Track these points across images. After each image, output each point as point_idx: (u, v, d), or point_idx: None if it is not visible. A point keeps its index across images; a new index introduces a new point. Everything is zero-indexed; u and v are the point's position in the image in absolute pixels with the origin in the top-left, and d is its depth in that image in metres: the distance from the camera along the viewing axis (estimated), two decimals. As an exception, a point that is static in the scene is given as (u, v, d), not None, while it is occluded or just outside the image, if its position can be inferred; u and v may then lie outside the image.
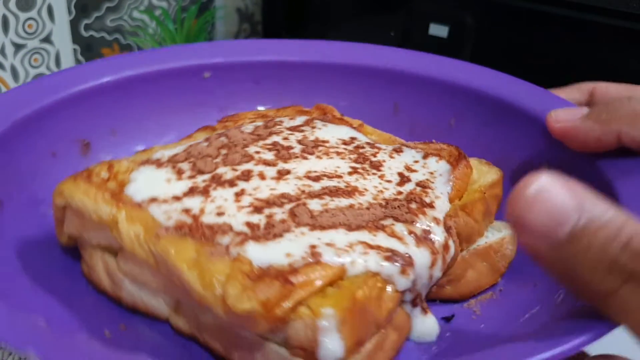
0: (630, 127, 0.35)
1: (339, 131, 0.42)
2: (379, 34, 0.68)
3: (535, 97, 0.44)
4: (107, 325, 0.34)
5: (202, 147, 0.40)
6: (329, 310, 0.28)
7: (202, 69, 0.50)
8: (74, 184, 0.35)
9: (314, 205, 0.34)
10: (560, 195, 0.24)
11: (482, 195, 0.37)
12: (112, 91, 0.46)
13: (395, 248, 0.32)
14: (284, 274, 0.29)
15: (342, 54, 0.51)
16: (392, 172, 0.38)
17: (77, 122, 0.44)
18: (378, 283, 0.30)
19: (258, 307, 0.28)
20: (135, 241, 0.33)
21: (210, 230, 0.32)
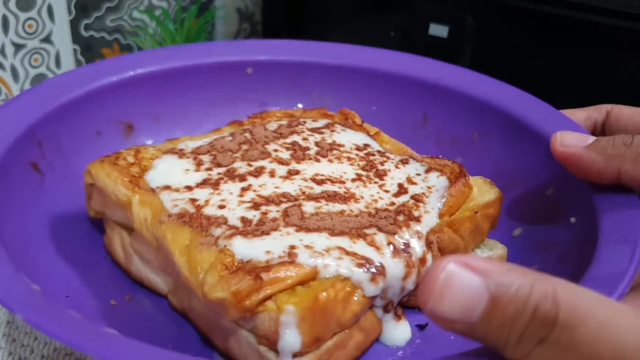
0: (632, 167, 0.36)
1: (356, 137, 0.45)
2: (379, 34, 0.68)
3: (553, 122, 0.45)
4: (115, 295, 0.38)
5: (225, 141, 0.43)
6: (290, 307, 0.31)
7: (245, 65, 0.53)
8: (100, 166, 0.39)
9: (308, 207, 0.37)
10: (467, 279, 0.25)
11: (472, 214, 0.39)
12: (158, 80, 0.50)
13: (370, 257, 0.34)
14: (258, 269, 0.32)
15: (379, 61, 0.54)
16: (393, 183, 0.40)
17: (123, 106, 0.49)
18: (347, 287, 0.33)
19: (229, 296, 0.31)
20: (143, 223, 0.37)
21: (207, 221, 0.36)
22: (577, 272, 0.35)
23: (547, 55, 0.60)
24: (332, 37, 0.72)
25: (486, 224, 0.40)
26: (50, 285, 0.36)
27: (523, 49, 0.61)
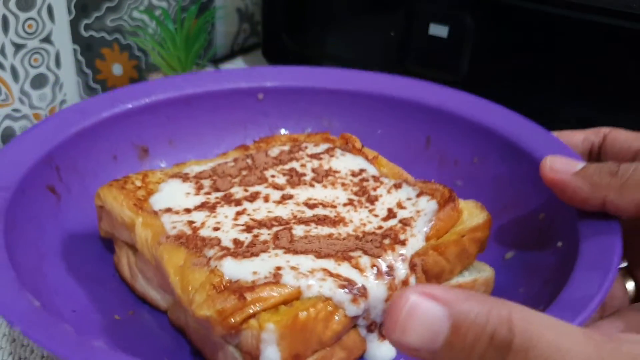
0: (616, 197, 0.37)
1: (353, 161, 0.47)
2: (379, 34, 0.69)
3: (549, 147, 0.46)
4: (119, 310, 0.41)
5: (227, 166, 0.46)
6: (271, 326, 0.33)
7: (257, 91, 0.56)
8: (109, 189, 0.42)
9: (298, 230, 0.39)
10: (429, 309, 0.26)
11: (458, 238, 0.40)
12: (173, 106, 0.53)
13: (353, 278, 0.36)
14: (243, 289, 0.34)
15: (384, 86, 0.55)
16: (383, 207, 0.42)
17: (138, 131, 0.52)
18: (329, 307, 0.35)
19: (214, 314, 0.33)
20: (145, 244, 0.39)
21: (202, 242, 0.38)
22: (556, 295, 0.36)
23: (547, 56, 0.60)
24: (332, 37, 0.73)
25: (474, 247, 0.41)
26: (59, 299, 0.39)
27: (523, 49, 0.62)
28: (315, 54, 0.75)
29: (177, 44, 0.69)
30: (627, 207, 0.36)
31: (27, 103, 0.67)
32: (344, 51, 0.72)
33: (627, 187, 0.35)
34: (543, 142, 0.47)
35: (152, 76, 0.71)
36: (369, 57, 0.71)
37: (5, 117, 0.65)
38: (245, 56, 0.95)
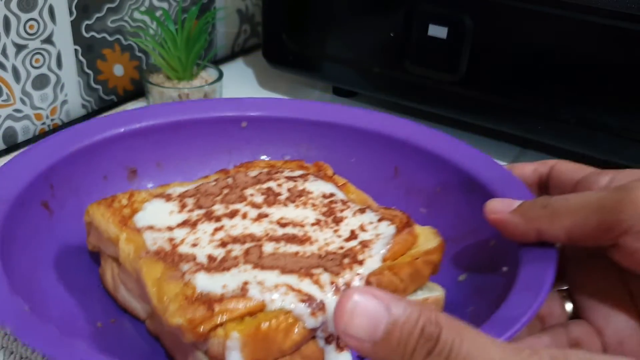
0: (547, 226, 0.40)
1: (324, 186, 0.51)
2: (378, 35, 0.71)
3: (501, 180, 0.50)
4: (102, 318, 0.45)
5: (209, 186, 0.50)
6: (235, 334, 0.37)
7: (241, 119, 0.60)
8: (97, 207, 0.46)
9: (268, 247, 0.43)
10: (370, 305, 0.30)
11: (412, 260, 0.44)
12: (162, 131, 0.58)
13: (313, 294, 0.40)
14: (212, 301, 0.38)
15: (359, 119, 0.60)
16: (347, 229, 0.46)
17: (129, 153, 0.56)
18: (289, 319, 0.39)
19: (185, 323, 0.37)
20: (127, 257, 0.43)
21: (179, 258, 0.42)
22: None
23: (547, 57, 0.62)
24: (332, 38, 0.76)
25: (427, 269, 0.45)
26: (48, 306, 0.43)
27: (522, 50, 0.64)
28: (315, 55, 0.78)
29: (177, 45, 0.71)
30: (558, 234, 0.40)
31: (29, 103, 0.68)
32: (344, 52, 0.76)
33: (556, 216, 0.39)
34: (496, 175, 0.51)
35: (152, 77, 0.74)
36: (369, 57, 0.75)
37: (6, 117, 0.66)
38: (245, 57, 0.98)
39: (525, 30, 0.64)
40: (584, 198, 0.39)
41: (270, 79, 0.92)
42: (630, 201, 0.36)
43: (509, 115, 0.68)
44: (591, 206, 0.38)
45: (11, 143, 0.71)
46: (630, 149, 0.63)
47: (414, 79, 0.72)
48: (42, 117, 0.70)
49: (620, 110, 0.61)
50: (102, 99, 0.80)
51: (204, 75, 0.78)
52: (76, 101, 0.75)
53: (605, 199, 0.37)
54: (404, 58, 0.71)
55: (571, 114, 0.64)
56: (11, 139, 0.70)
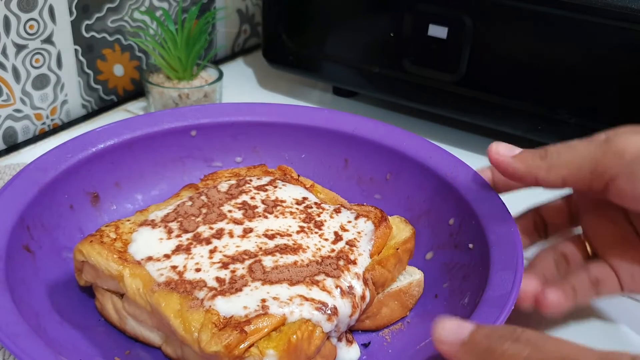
0: (545, 175, 0.46)
1: (294, 191, 0.54)
2: (378, 35, 0.71)
3: (449, 163, 0.56)
4: (117, 352, 0.46)
5: (187, 206, 0.52)
6: (271, 352, 0.40)
7: (190, 129, 0.62)
8: (90, 246, 0.47)
9: (267, 261, 0.47)
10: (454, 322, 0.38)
11: (395, 251, 0.49)
12: (115, 151, 0.58)
13: (325, 300, 0.44)
14: (241, 324, 0.41)
15: (305, 117, 0.63)
16: (330, 232, 0.50)
17: (88, 178, 0.56)
18: (309, 327, 0.43)
19: (222, 349, 0.40)
20: (137, 293, 0.45)
21: (190, 285, 0.44)
22: (477, 290, 0.46)
23: (547, 57, 0.64)
24: (331, 38, 0.77)
25: (406, 256, 0.51)
26: (64, 352, 0.44)
27: (522, 50, 0.65)
28: (315, 55, 0.79)
29: (177, 45, 0.71)
30: (555, 182, 0.45)
31: (29, 103, 0.68)
32: (344, 52, 0.77)
33: (553, 167, 0.45)
34: (443, 160, 0.57)
35: (152, 77, 0.73)
36: (369, 57, 0.75)
37: (6, 117, 0.66)
38: (245, 57, 0.98)
39: (525, 30, 0.64)
40: (578, 152, 0.44)
41: (270, 79, 0.92)
42: (615, 152, 0.42)
43: (509, 115, 0.69)
44: (584, 158, 0.44)
45: (11, 143, 0.71)
46: None
47: (413, 79, 0.73)
48: (42, 117, 0.70)
49: (620, 110, 0.62)
50: (102, 99, 0.80)
51: (204, 75, 0.78)
52: (76, 101, 0.74)
53: (596, 152, 0.43)
54: (404, 58, 0.72)
55: (571, 114, 0.65)
56: (11, 139, 0.70)
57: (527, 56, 0.65)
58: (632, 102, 0.59)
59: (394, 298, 0.50)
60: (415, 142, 0.60)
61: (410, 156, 0.59)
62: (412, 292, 0.50)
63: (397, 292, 0.50)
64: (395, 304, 0.50)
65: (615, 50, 0.60)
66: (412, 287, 0.50)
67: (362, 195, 0.61)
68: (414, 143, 0.59)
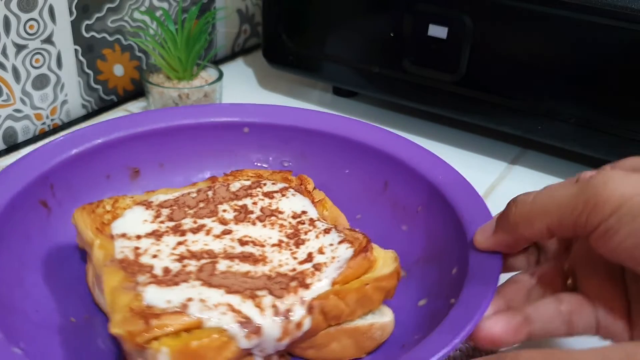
0: (527, 228, 0.41)
1: (299, 203, 0.53)
2: (378, 35, 0.71)
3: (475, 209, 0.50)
4: (77, 314, 0.49)
5: (189, 197, 0.53)
6: (164, 349, 0.40)
7: (244, 125, 0.63)
8: (79, 212, 0.50)
9: (221, 265, 0.46)
10: None
11: (361, 285, 0.45)
12: (166, 133, 0.61)
13: (252, 316, 0.42)
14: (150, 315, 0.41)
15: (357, 132, 0.61)
16: (305, 252, 0.48)
17: (132, 154, 0.60)
18: (223, 337, 0.41)
19: (124, 334, 0.41)
20: (97, 262, 0.47)
21: (138, 268, 0.45)
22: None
23: (547, 57, 0.63)
24: (331, 38, 0.77)
25: (378, 294, 0.46)
26: (29, 300, 0.48)
27: (522, 51, 0.64)
28: (315, 55, 0.79)
29: (177, 45, 0.72)
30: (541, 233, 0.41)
31: (29, 103, 0.68)
32: (344, 52, 0.77)
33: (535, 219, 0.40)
34: (470, 204, 0.51)
35: (152, 77, 0.75)
36: (369, 57, 0.75)
37: (6, 117, 0.67)
38: (245, 57, 0.98)
39: (525, 30, 0.64)
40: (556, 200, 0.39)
41: (270, 79, 0.92)
42: (595, 204, 0.37)
43: (509, 115, 0.69)
44: (565, 208, 0.38)
45: (11, 143, 0.71)
46: (630, 149, 0.62)
47: (413, 79, 0.72)
48: (42, 117, 0.71)
49: (620, 110, 0.62)
50: (102, 99, 0.80)
51: (204, 75, 0.79)
52: (76, 101, 0.75)
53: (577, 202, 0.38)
54: (404, 58, 0.72)
55: (571, 114, 0.64)
56: (11, 139, 0.70)
57: (527, 56, 0.64)
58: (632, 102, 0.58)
59: (348, 335, 0.46)
60: (453, 179, 0.54)
61: (441, 191, 0.54)
62: (371, 335, 0.46)
63: (353, 329, 0.46)
64: (348, 342, 0.46)
65: (615, 50, 0.59)
66: (372, 329, 0.46)
67: (390, 223, 0.57)
68: (451, 180, 0.54)
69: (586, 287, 0.42)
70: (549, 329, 0.41)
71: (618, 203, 0.36)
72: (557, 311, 0.41)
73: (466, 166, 0.60)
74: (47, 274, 0.51)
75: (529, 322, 0.41)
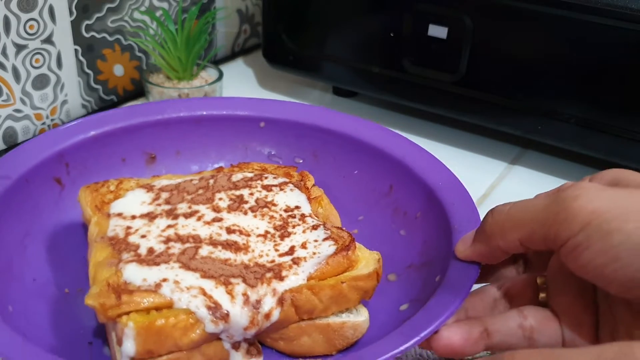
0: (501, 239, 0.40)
1: (294, 198, 0.53)
2: (378, 35, 0.71)
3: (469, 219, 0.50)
4: (71, 285, 0.51)
5: (190, 184, 0.55)
6: (130, 324, 0.41)
7: (260, 120, 0.64)
8: (83, 190, 0.53)
9: (204, 250, 0.47)
10: None
11: (336, 283, 0.45)
12: (184, 122, 0.63)
13: (222, 303, 0.43)
14: (123, 291, 0.43)
15: (367, 133, 0.61)
16: (288, 245, 0.48)
17: (150, 140, 0.62)
18: (191, 319, 0.42)
19: (97, 306, 0.42)
20: (91, 237, 0.49)
21: (125, 246, 0.47)
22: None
23: (546, 57, 0.62)
24: (331, 38, 0.77)
25: (354, 293, 0.46)
26: (28, 270, 0.50)
27: (522, 51, 0.64)
28: (315, 55, 0.79)
29: (177, 45, 0.72)
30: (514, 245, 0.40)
31: (29, 103, 0.69)
32: (344, 52, 0.77)
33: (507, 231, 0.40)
34: (466, 213, 0.50)
35: (152, 77, 0.76)
36: (369, 57, 0.75)
37: (6, 117, 0.67)
38: (245, 57, 0.98)
39: (525, 30, 0.63)
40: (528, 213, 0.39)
41: (270, 79, 0.92)
42: (565, 218, 0.36)
43: (509, 115, 0.69)
44: (536, 222, 0.38)
45: (11, 143, 0.71)
46: (630, 149, 0.62)
47: (413, 79, 0.72)
48: (42, 117, 0.71)
49: (620, 110, 0.62)
50: (102, 99, 0.80)
51: (204, 75, 0.79)
52: (76, 101, 0.75)
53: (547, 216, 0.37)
54: (404, 58, 0.71)
55: (571, 114, 0.64)
56: (11, 139, 0.70)
57: (527, 56, 0.65)
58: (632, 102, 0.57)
59: (320, 331, 0.46)
60: (450, 184, 0.54)
61: (440, 199, 0.53)
62: (343, 333, 0.46)
63: (325, 326, 0.46)
64: (319, 337, 0.46)
65: (615, 50, 0.59)
66: (345, 327, 0.46)
67: (390, 227, 0.57)
68: (451, 188, 0.53)
69: (556, 302, 0.41)
70: (509, 342, 0.40)
71: (588, 219, 0.35)
72: (518, 325, 0.40)
73: (466, 166, 0.59)
74: (51, 246, 0.54)
75: (488, 334, 0.40)
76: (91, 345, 0.47)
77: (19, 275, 0.50)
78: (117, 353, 0.43)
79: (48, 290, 0.50)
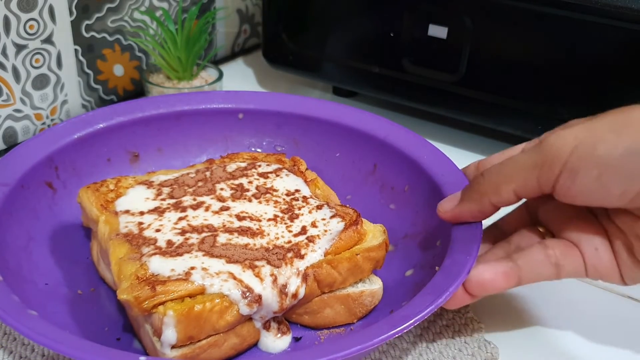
0: (498, 197, 0.45)
1: (292, 182, 0.56)
2: (378, 35, 0.72)
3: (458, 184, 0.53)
4: (83, 286, 0.52)
5: (188, 177, 0.56)
6: (170, 312, 0.43)
7: (238, 112, 0.66)
8: (84, 191, 0.53)
9: (221, 238, 0.49)
10: None
11: (352, 255, 0.48)
12: (164, 119, 0.64)
13: (252, 286, 0.45)
14: (156, 282, 0.44)
15: (347, 117, 0.64)
16: (299, 225, 0.51)
17: (131, 139, 0.62)
18: (225, 303, 0.44)
19: (131, 299, 0.43)
20: (103, 237, 0.50)
21: (142, 241, 0.48)
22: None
23: (546, 57, 0.64)
24: (331, 38, 0.78)
25: (367, 264, 0.49)
26: (37, 274, 0.50)
27: (522, 51, 0.65)
28: (315, 55, 0.80)
29: (177, 45, 0.73)
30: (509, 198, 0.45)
31: (29, 103, 0.69)
32: (344, 52, 0.78)
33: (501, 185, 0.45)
34: (454, 179, 0.54)
35: (152, 77, 0.76)
36: (369, 57, 0.76)
37: (6, 117, 0.68)
38: (245, 57, 0.99)
39: (525, 31, 0.65)
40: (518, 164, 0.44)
41: (270, 79, 0.93)
42: (553, 155, 0.41)
43: (509, 115, 0.70)
44: (527, 169, 0.43)
45: (11, 143, 0.71)
46: None
47: (413, 79, 0.73)
48: (42, 117, 0.72)
49: None
50: (102, 99, 0.81)
51: (204, 75, 0.79)
52: (76, 101, 0.75)
53: (535, 159, 0.42)
54: (404, 58, 0.73)
55: (571, 114, 0.63)
56: (11, 139, 0.70)
57: (526, 56, 0.65)
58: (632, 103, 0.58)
59: (341, 302, 0.49)
60: (435, 157, 0.57)
61: (427, 171, 0.57)
62: (362, 301, 0.49)
63: (345, 296, 0.49)
64: (341, 308, 0.49)
65: (615, 51, 0.60)
66: (363, 296, 0.49)
67: (380, 203, 0.60)
68: (435, 158, 0.57)
69: (566, 231, 0.46)
70: (538, 273, 0.44)
71: (569, 151, 0.41)
72: (545, 255, 0.44)
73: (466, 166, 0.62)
74: (54, 249, 0.54)
75: (518, 268, 0.44)
76: (119, 340, 0.48)
77: (31, 280, 0.50)
78: (157, 344, 0.44)
79: (61, 292, 0.51)
